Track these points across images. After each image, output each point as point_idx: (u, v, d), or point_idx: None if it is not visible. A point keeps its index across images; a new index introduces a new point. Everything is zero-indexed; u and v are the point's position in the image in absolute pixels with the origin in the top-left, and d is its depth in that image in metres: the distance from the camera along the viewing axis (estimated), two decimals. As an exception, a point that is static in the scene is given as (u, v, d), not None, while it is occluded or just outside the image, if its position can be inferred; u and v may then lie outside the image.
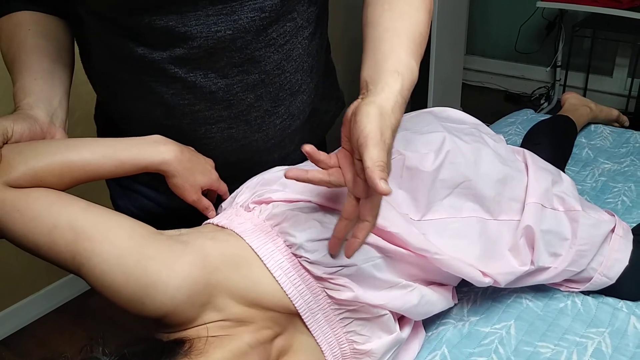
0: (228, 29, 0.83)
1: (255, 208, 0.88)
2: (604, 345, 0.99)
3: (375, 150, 0.64)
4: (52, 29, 0.93)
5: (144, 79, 0.88)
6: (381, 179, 0.63)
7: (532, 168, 1.08)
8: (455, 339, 1.01)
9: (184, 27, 0.82)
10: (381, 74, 0.73)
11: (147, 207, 1.07)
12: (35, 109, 0.85)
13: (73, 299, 2.24)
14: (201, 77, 0.87)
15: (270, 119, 0.96)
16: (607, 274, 1.07)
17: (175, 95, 0.89)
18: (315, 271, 0.82)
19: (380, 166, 0.63)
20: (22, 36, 0.90)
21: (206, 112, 0.91)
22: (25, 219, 0.75)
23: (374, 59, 0.76)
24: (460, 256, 0.93)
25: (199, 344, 0.74)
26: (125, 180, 0.99)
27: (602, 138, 1.75)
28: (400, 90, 0.71)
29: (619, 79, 3.33)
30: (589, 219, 1.06)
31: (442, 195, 0.98)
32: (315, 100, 1.04)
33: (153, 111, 0.92)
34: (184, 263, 0.76)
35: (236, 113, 0.92)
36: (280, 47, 0.90)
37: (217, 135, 0.94)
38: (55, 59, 0.91)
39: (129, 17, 0.82)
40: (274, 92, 0.93)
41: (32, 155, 0.78)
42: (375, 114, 0.67)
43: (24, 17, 0.91)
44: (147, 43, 0.84)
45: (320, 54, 1.02)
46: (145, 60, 0.86)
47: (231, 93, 0.90)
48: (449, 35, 2.81)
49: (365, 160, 0.64)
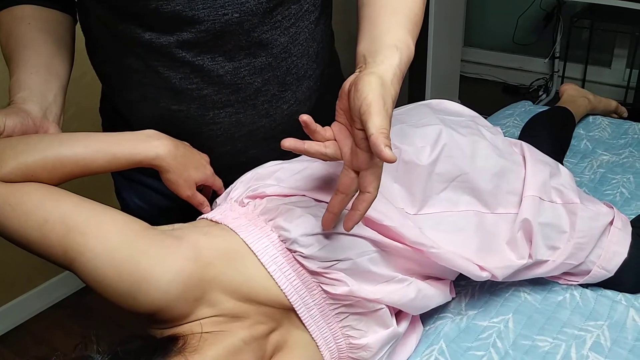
0: (235, 12, 0.84)
1: (249, 203, 0.88)
2: (603, 338, 0.99)
3: (378, 118, 0.65)
4: (53, 23, 0.93)
5: (151, 64, 0.88)
6: (386, 146, 0.63)
7: (529, 161, 1.07)
8: (453, 333, 1.01)
9: (191, 11, 0.82)
10: (379, 48, 0.74)
11: (152, 199, 1.06)
12: (28, 103, 0.85)
13: (70, 295, 2.24)
14: (209, 61, 0.87)
15: (277, 104, 0.96)
16: (605, 267, 1.06)
17: (184, 79, 0.89)
18: (310, 266, 0.82)
19: (384, 133, 0.64)
20: (22, 30, 0.90)
21: (214, 96, 0.91)
22: (16, 213, 0.74)
23: (371, 34, 0.77)
24: (457, 250, 0.93)
25: (193, 341, 0.74)
26: (131, 172, 0.99)
27: (600, 129, 1.74)
28: (399, 64, 0.72)
29: (618, 70, 3.33)
30: (587, 212, 1.05)
31: (439, 189, 0.97)
32: (322, 88, 1.05)
33: (161, 96, 0.92)
34: (177, 258, 0.75)
35: (244, 97, 0.92)
36: (286, 30, 0.90)
37: (225, 120, 0.94)
38: (54, 53, 0.91)
39: (136, 2, 0.82)
40: (281, 77, 0.93)
41: (24, 150, 0.77)
42: (376, 83, 0.68)
43: (25, 10, 0.91)
44: (154, 28, 0.84)
45: (325, 41, 1.02)
46: (153, 46, 0.86)
47: (238, 76, 0.90)
48: (447, 27, 2.80)
49: (368, 128, 0.64)
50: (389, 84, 0.69)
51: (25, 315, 2.14)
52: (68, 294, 2.24)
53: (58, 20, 0.94)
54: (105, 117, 1.09)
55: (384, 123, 0.65)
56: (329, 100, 1.10)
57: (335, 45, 1.15)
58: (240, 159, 0.98)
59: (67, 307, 2.20)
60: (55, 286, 2.21)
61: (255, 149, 0.99)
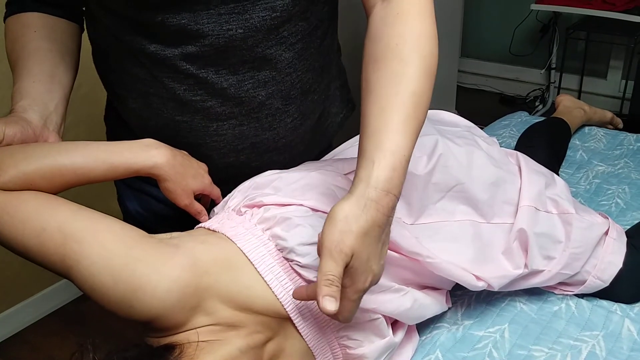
0: (239, 28, 0.84)
1: (246, 212, 0.88)
2: (598, 349, 0.99)
3: (324, 263, 0.66)
4: (59, 32, 0.93)
5: (157, 74, 0.89)
6: (324, 296, 0.64)
7: (525, 171, 1.07)
8: (449, 343, 1.01)
9: (196, 25, 0.83)
10: (360, 164, 0.70)
11: (153, 207, 1.06)
12: (29, 111, 0.85)
13: (67, 303, 2.23)
14: (212, 74, 0.88)
15: (281, 117, 0.96)
16: (601, 277, 1.07)
17: (188, 91, 0.89)
18: (306, 275, 0.82)
19: (328, 280, 0.64)
20: (27, 38, 0.90)
21: (218, 108, 0.91)
22: (14, 221, 0.74)
23: (362, 137, 0.73)
24: (453, 260, 0.93)
25: (189, 350, 0.73)
26: (135, 181, 0.99)
27: (596, 140, 1.75)
28: (376, 182, 0.68)
29: (613, 81, 3.34)
30: (582, 222, 1.05)
31: (435, 199, 0.97)
32: (326, 101, 1.05)
33: (166, 106, 0.92)
34: (173, 266, 0.75)
35: (247, 110, 0.92)
36: (292, 46, 0.90)
37: (229, 132, 0.94)
38: (58, 62, 0.91)
39: (142, 14, 0.82)
40: (285, 91, 0.93)
41: (22, 158, 0.78)
42: (338, 218, 0.67)
43: (32, 18, 0.92)
44: (160, 40, 0.85)
45: (331, 54, 1.02)
46: (158, 57, 0.86)
47: (242, 89, 0.90)
48: (444, 37, 2.79)
49: (318, 272, 0.65)
50: (358, 213, 0.66)
51: (22, 323, 2.13)
52: (64, 303, 2.23)
53: (64, 29, 0.94)
54: (110, 125, 1.10)
55: (330, 267, 0.65)
56: (335, 112, 1.11)
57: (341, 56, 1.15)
58: (244, 170, 0.98)
59: (63, 315, 2.19)
60: (52, 295, 2.20)
61: (258, 161, 0.99)
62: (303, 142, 1.03)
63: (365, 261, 0.68)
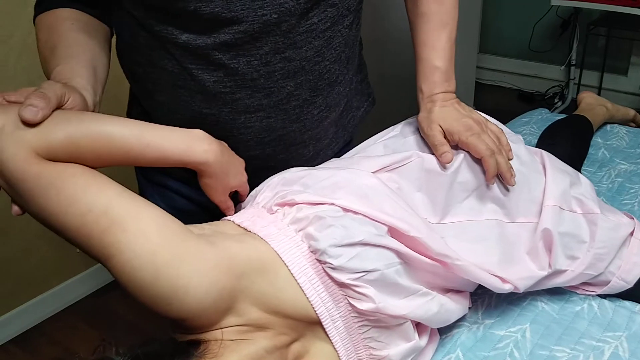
0: (274, 12, 0.84)
1: (278, 210, 0.87)
2: (621, 350, 0.98)
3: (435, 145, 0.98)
4: (93, 28, 0.93)
5: (186, 66, 0.88)
6: (442, 153, 0.96)
7: (550, 169, 1.06)
8: (470, 342, 1.00)
9: (230, 13, 0.82)
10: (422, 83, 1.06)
11: (178, 204, 1.06)
12: (84, 92, 0.83)
13: (85, 297, 2.25)
14: (244, 64, 0.87)
15: (308, 109, 0.96)
16: (625, 278, 1.05)
17: (217, 83, 0.89)
18: (338, 277, 0.80)
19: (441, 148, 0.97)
20: (65, 28, 0.90)
21: (247, 100, 0.91)
22: (60, 197, 0.71)
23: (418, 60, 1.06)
24: (480, 261, 0.92)
25: (214, 347, 0.73)
26: (155, 174, 0.98)
27: (618, 138, 1.73)
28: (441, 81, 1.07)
29: (634, 78, 3.30)
30: (607, 222, 1.04)
31: (461, 198, 0.97)
32: (350, 94, 1.05)
33: (194, 99, 0.92)
34: (212, 267, 0.74)
35: (275, 102, 0.92)
36: (321, 33, 0.90)
37: (256, 124, 0.94)
38: (96, 56, 0.91)
39: (175, 4, 0.82)
40: (314, 81, 0.94)
41: (76, 123, 0.75)
42: (425, 123, 1.01)
43: (66, 12, 0.92)
44: (192, 30, 0.85)
45: (355, 46, 1.02)
46: (189, 47, 0.86)
47: (272, 80, 0.90)
48: (462, 33, 2.78)
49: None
50: (437, 109, 1.02)
51: (40, 316, 2.16)
52: (83, 296, 2.25)
53: (98, 28, 0.94)
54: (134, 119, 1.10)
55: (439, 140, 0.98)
56: (356, 105, 1.10)
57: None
58: (268, 163, 0.98)
59: (82, 308, 2.21)
60: (70, 288, 2.22)
61: (284, 154, 0.99)
62: (327, 136, 1.03)
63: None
